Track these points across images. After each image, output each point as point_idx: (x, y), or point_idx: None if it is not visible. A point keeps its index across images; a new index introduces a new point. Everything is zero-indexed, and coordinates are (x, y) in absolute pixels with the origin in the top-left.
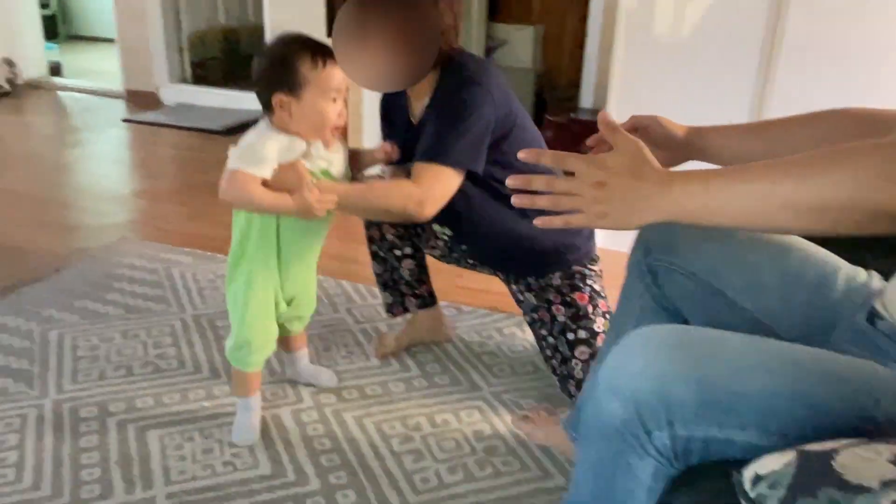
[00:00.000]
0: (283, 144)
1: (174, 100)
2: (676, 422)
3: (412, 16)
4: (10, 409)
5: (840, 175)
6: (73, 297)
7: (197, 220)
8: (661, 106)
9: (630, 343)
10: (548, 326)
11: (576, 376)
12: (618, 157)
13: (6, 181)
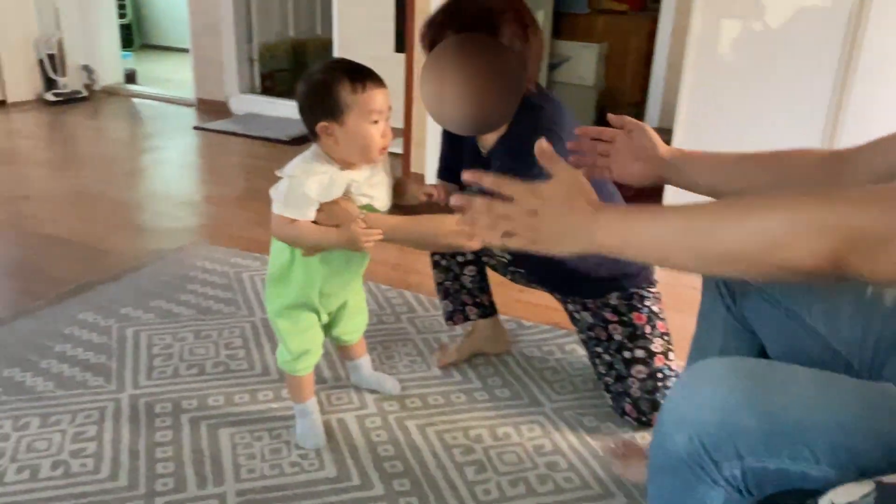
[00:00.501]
0: (324, 183)
1: (243, 109)
2: (745, 453)
3: (499, 64)
4: (90, 402)
5: (751, 227)
6: (149, 296)
7: (262, 226)
8: (730, 126)
9: (695, 375)
10: (604, 344)
11: (632, 395)
12: (553, 187)
13: (82, 183)
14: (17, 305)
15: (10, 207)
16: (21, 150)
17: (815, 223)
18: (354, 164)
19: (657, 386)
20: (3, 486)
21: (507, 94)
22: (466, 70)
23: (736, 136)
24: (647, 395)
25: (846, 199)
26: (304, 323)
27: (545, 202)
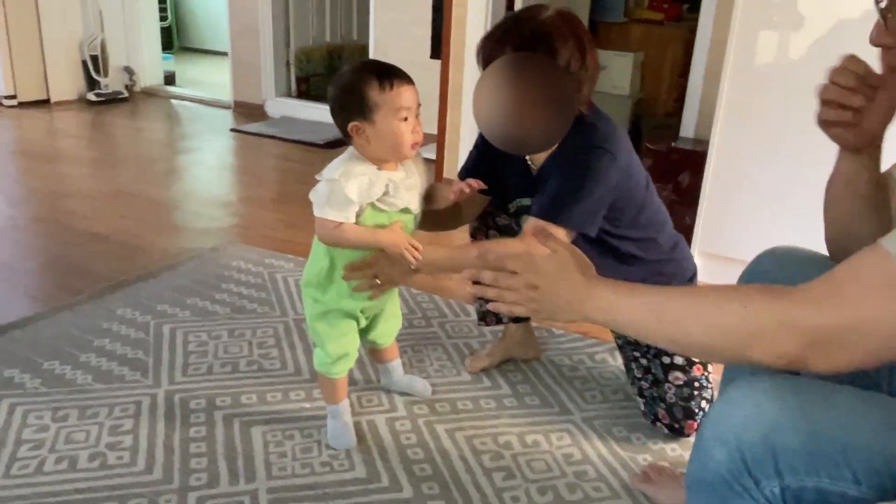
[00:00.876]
0: (363, 184)
1: (278, 112)
2: (785, 471)
3: (554, 84)
4: (126, 396)
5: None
6: (185, 294)
7: (296, 228)
8: (768, 138)
9: (736, 391)
10: (642, 349)
11: (667, 400)
12: (549, 262)
13: (121, 182)
14: (58, 300)
15: (52, 204)
16: (63, 148)
17: (775, 326)
18: (388, 162)
19: (693, 394)
20: (43, 475)
21: (559, 114)
22: (520, 88)
23: (773, 148)
24: (682, 402)
25: (804, 299)
26: (342, 328)
27: (543, 277)
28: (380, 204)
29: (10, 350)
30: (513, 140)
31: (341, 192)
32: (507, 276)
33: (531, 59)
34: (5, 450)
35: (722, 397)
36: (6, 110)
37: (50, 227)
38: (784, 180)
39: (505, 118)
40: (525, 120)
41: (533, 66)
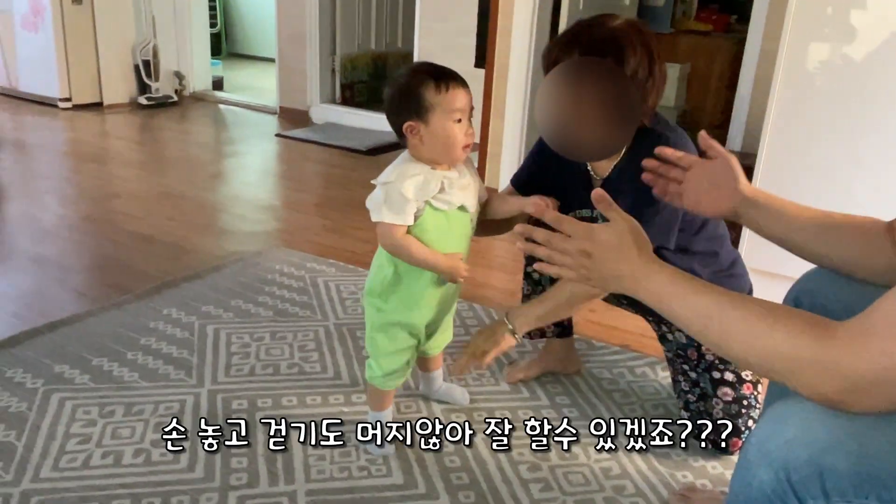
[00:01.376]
0: (419, 183)
1: (323, 118)
2: (832, 493)
3: (618, 91)
4: (171, 394)
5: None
6: (229, 296)
7: (338, 233)
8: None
9: (785, 409)
10: (692, 363)
11: (714, 415)
12: (607, 233)
13: (168, 184)
14: (106, 298)
15: (102, 205)
16: (114, 150)
17: (816, 367)
18: (440, 163)
19: (741, 412)
20: (89, 469)
21: (621, 123)
22: (583, 93)
23: (824, 162)
24: (729, 419)
25: (846, 342)
26: (401, 342)
27: (598, 246)
28: (437, 202)
29: (60, 346)
30: (571, 146)
31: (397, 192)
32: (561, 238)
33: (596, 64)
34: (55, 443)
35: (768, 415)
36: (61, 112)
37: (100, 226)
38: (833, 196)
39: (565, 122)
40: (585, 126)
41: (598, 71)
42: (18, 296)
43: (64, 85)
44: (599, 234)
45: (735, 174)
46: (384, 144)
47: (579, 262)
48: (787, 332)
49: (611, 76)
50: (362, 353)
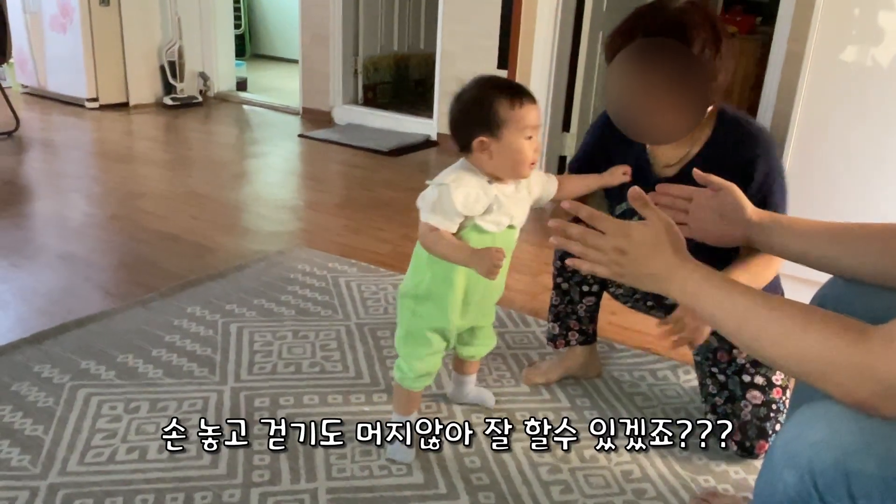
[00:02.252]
0: (471, 196)
1: (345, 119)
2: (859, 496)
3: (686, 71)
4: (195, 392)
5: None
6: (251, 294)
7: (360, 233)
8: (844, 155)
9: (811, 412)
10: (721, 366)
11: (742, 417)
12: (642, 231)
13: (192, 183)
14: (132, 296)
15: (128, 203)
16: (139, 150)
17: (852, 371)
18: (503, 178)
19: (770, 415)
20: (115, 464)
21: (690, 104)
22: (649, 74)
23: (850, 166)
24: (757, 422)
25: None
26: (433, 346)
27: (633, 244)
28: (485, 224)
29: (87, 342)
30: (639, 128)
31: (448, 197)
32: (596, 235)
33: (661, 44)
34: (81, 437)
35: (795, 418)
36: (88, 112)
37: (125, 225)
38: (859, 200)
39: (632, 105)
40: (654, 108)
41: (662, 51)
42: (46, 292)
43: (91, 85)
44: (635, 232)
45: (740, 203)
46: (406, 146)
47: (613, 259)
48: (821, 335)
49: (676, 56)
50: (383, 352)
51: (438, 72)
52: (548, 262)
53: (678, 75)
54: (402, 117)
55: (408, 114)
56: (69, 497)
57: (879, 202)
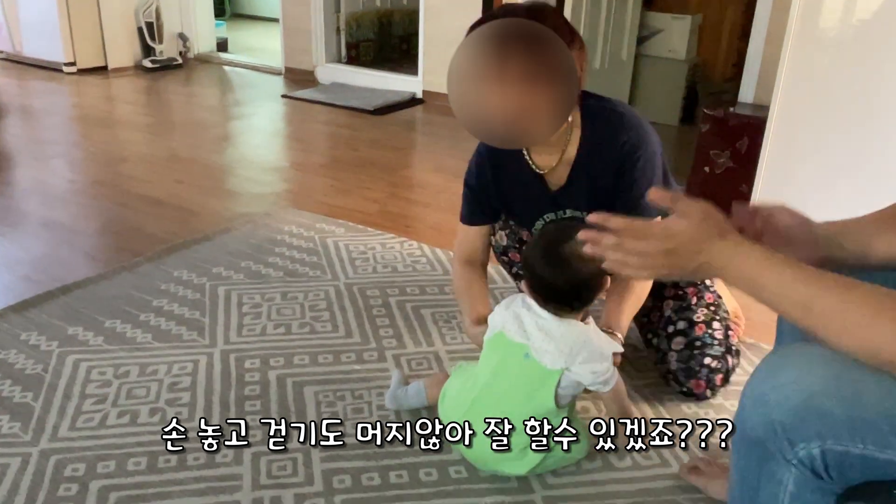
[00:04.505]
0: None
1: (329, 79)
2: (827, 435)
3: (551, 51)
4: (184, 355)
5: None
6: (239, 257)
7: (347, 194)
8: (832, 103)
9: (780, 355)
10: (654, 327)
11: (671, 369)
12: (684, 225)
13: (175, 147)
14: (117, 261)
15: (110, 168)
16: (120, 114)
17: None
18: None
19: (693, 354)
20: (106, 428)
21: (561, 87)
22: (508, 58)
23: (838, 114)
24: (681, 365)
25: None
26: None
27: (680, 241)
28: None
29: (73, 308)
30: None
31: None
32: (634, 240)
33: (520, 24)
34: (71, 403)
35: (765, 362)
36: (66, 77)
37: (108, 190)
38: (848, 149)
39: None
40: (516, 97)
41: (523, 30)
42: (30, 260)
43: (68, 49)
44: (677, 230)
45: (803, 217)
46: (391, 104)
47: (659, 263)
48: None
49: (540, 36)
50: (373, 312)
51: (423, 27)
52: None
53: (553, 57)
54: (386, 75)
55: (392, 71)
56: (61, 462)
57: (872, 152)
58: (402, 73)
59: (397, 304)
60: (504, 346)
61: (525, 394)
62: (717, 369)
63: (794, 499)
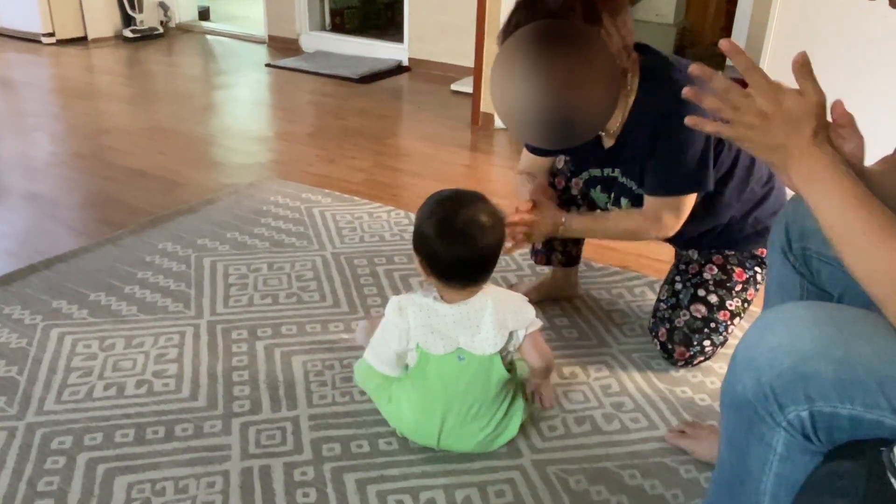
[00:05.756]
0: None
1: (313, 47)
2: (816, 397)
3: (591, 50)
4: (171, 327)
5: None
6: (224, 228)
7: (333, 163)
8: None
9: (771, 318)
10: (686, 276)
11: (675, 324)
12: (796, 100)
13: (158, 118)
14: (100, 234)
15: (91, 141)
16: (101, 85)
17: None
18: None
19: (703, 330)
20: (93, 401)
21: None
22: (546, 62)
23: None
24: (686, 329)
25: None
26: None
27: (780, 111)
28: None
29: (57, 282)
30: (547, 130)
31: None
32: (740, 92)
33: (550, 26)
34: (56, 377)
35: (755, 324)
36: (45, 48)
37: (90, 162)
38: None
39: (532, 104)
40: (558, 100)
41: (554, 31)
42: (12, 234)
43: (46, 19)
44: (787, 100)
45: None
46: (377, 72)
47: (749, 122)
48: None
49: (571, 35)
50: (360, 281)
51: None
52: None
53: (586, 57)
54: (371, 42)
55: (377, 39)
56: (48, 435)
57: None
58: (388, 41)
59: (385, 272)
60: (436, 365)
61: (481, 389)
62: (706, 355)
63: (783, 460)
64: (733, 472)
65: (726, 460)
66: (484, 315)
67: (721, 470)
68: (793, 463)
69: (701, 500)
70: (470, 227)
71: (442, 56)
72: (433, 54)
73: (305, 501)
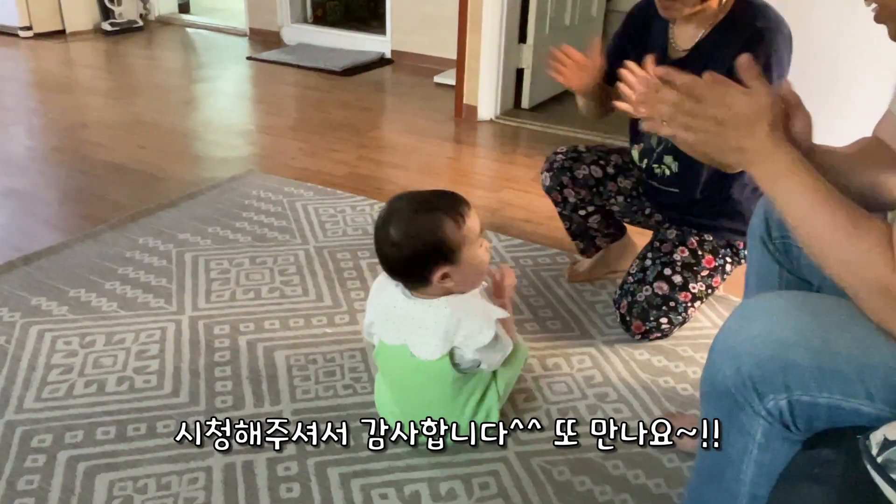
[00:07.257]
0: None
1: (295, 39)
2: (795, 386)
3: None
4: (152, 323)
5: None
6: (206, 223)
7: (315, 156)
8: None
9: (750, 307)
10: (657, 255)
11: (637, 298)
12: (746, 103)
13: (138, 112)
14: (80, 229)
15: (70, 135)
16: (80, 79)
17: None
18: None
19: (661, 307)
20: (73, 398)
21: None
22: None
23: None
24: (645, 304)
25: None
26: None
27: (733, 115)
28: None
29: (36, 278)
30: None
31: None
32: (694, 100)
33: None
34: (35, 374)
35: (735, 313)
36: (22, 42)
37: (69, 157)
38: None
39: None
40: None
41: None
42: None
43: (23, 13)
44: (737, 103)
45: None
46: (359, 64)
47: (704, 128)
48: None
49: None
50: (343, 275)
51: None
52: (508, 177)
53: None
54: (354, 35)
55: (360, 31)
56: (28, 434)
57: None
58: (370, 33)
59: (368, 266)
60: (391, 352)
61: (438, 392)
62: (662, 332)
63: (763, 449)
64: (714, 461)
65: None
66: (435, 321)
67: (702, 458)
68: (772, 451)
69: (684, 488)
70: (381, 234)
71: (425, 48)
72: (416, 46)
73: (289, 496)
